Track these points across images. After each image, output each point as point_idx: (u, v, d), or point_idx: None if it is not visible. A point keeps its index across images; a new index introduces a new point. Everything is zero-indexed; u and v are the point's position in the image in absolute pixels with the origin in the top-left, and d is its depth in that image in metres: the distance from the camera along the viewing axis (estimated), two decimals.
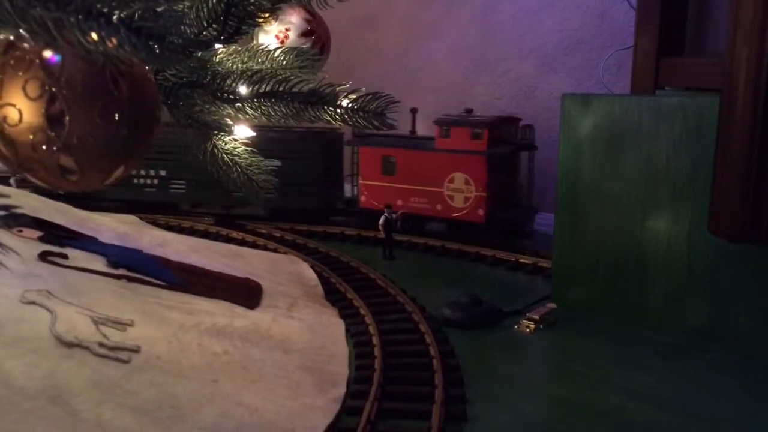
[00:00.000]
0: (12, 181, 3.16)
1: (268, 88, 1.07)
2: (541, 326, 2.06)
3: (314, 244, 2.92)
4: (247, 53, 1.18)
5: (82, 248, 2.03)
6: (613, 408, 1.60)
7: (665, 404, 1.62)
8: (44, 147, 0.72)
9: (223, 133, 1.19)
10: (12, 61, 0.71)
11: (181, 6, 0.98)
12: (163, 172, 3.38)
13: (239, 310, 1.91)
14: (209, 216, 3.40)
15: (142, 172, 3.42)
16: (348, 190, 3.47)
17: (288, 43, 1.67)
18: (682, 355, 1.90)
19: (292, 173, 3.16)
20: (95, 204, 3.47)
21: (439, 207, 2.99)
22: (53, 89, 0.71)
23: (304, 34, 1.70)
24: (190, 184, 3.40)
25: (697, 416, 1.57)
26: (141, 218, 3.04)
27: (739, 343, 1.93)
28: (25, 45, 0.70)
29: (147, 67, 0.82)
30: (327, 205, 3.40)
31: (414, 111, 3.45)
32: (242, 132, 1.23)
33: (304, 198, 3.28)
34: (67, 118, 0.71)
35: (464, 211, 2.92)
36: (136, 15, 0.59)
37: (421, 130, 3.79)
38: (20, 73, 0.71)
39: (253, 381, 1.56)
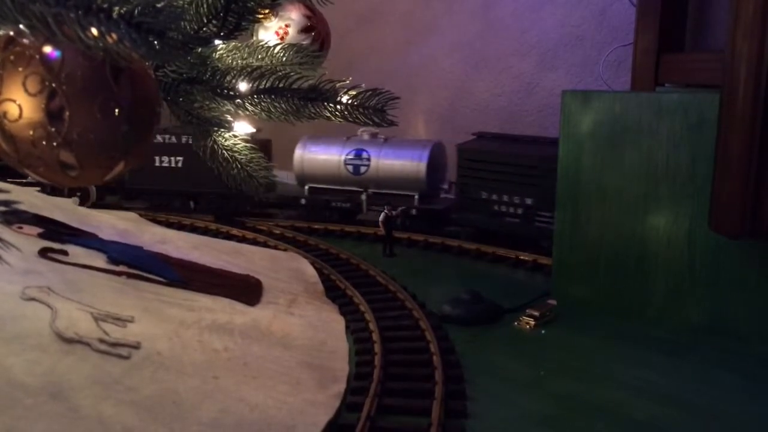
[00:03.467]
0: None
1: (268, 85, 1.07)
2: (542, 323, 2.06)
3: (314, 241, 2.92)
4: (246, 49, 1.18)
5: (83, 245, 2.04)
6: (614, 404, 1.60)
7: (666, 400, 1.62)
8: (44, 143, 0.72)
9: (222, 130, 1.19)
10: (12, 57, 0.71)
11: (181, 2, 0.98)
12: (529, 201, 2.72)
13: (240, 306, 1.92)
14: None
15: (505, 198, 2.78)
16: None
17: (288, 39, 1.67)
18: (682, 350, 1.90)
19: None
20: (449, 229, 3.05)
21: None
22: (53, 85, 0.71)
23: (304, 30, 1.70)
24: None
25: (698, 412, 1.57)
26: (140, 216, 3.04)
27: (739, 338, 1.93)
28: (25, 41, 0.70)
29: (147, 63, 0.82)
30: None
31: None
32: (242, 128, 1.23)
33: None
34: (67, 113, 0.71)
35: None
36: (136, 11, 0.59)
37: (421, 129, 3.79)
38: (20, 69, 0.71)
39: (253, 377, 1.56)
